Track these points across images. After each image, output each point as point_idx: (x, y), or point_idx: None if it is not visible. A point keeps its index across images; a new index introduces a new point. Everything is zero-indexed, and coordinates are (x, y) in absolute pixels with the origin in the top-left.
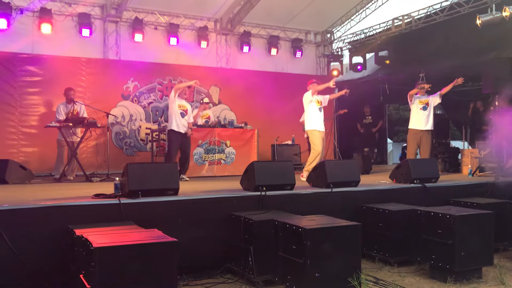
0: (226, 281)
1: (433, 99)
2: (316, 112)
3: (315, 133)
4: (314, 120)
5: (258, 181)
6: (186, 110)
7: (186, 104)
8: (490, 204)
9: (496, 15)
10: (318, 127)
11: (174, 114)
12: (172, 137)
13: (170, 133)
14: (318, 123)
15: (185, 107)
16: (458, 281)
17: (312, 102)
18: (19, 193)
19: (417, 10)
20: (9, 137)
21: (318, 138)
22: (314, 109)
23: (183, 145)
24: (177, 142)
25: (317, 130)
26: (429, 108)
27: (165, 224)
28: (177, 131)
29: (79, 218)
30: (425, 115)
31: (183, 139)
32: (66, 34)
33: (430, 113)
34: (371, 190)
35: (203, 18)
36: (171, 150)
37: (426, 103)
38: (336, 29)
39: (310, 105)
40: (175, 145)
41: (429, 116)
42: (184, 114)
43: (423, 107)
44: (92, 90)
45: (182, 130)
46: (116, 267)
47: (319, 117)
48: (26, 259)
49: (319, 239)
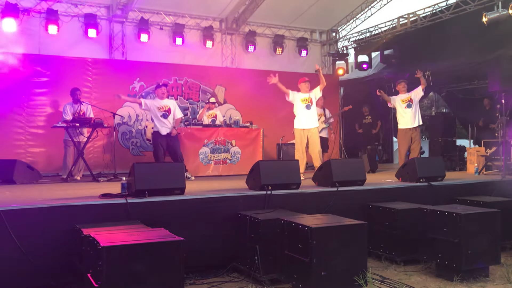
0: (232, 280)
1: (415, 94)
2: (299, 110)
3: (296, 132)
4: (297, 118)
5: (263, 180)
6: (169, 109)
7: (167, 103)
8: (497, 202)
9: (503, 13)
10: (300, 125)
11: (155, 118)
12: (154, 140)
13: (153, 136)
14: (300, 121)
15: (167, 106)
16: (464, 280)
17: (295, 100)
18: (26, 193)
19: (422, 8)
20: (17, 138)
21: (298, 137)
22: (297, 107)
23: (169, 145)
24: (159, 144)
25: (298, 129)
26: (414, 104)
27: (172, 223)
28: (158, 133)
29: (86, 218)
30: (412, 112)
31: (167, 140)
32: (72, 34)
33: (416, 109)
34: (377, 189)
35: (208, 18)
36: (155, 153)
37: (409, 100)
38: (341, 28)
39: (294, 104)
40: (157, 147)
41: (416, 113)
42: (167, 114)
43: (408, 104)
44: (99, 90)
45: (163, 131)
46: (123, 266)
47: (304, 115)
48: (34, 258)
49: (325, 238)
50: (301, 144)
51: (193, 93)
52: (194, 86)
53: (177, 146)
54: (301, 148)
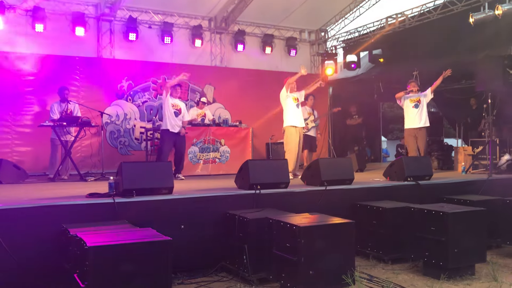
0: (221, 279)
1: (424, 96)
2: (293, 108)
3: (291, 130)
4: (291, 116)
5: (252, 179)
6: (180, 109)
7: (179, 103)
8: (483, 201)
9: (489, 14)
10: (295, 123)
11: (167, 113)
12: (165, 137)
13: (163, 133)
14: (295, 119)
15: (178, 106)
16: (451, 278)
17: (288, 98)
18: (13, 192)
19: (410, 9)
20: (3, 137)
21: (293, 135)
22: (290, 105)
23: (177, 144)
24: (169, 142)
25: (293, 127)
26: (421, 105)
27: (160, 223)
28: (170, 131)
29: (73, 218)
30: (418, 113)
31: (176, 139)
32: (59, 33)
33: (423, 110)
34: (365, 188)
35: (197, 17)
36: (163, 149)
37: (418, 100)
38: (330, 28)
39: (286, 102)
40: (167, 145)
41: (422, 114)
42: (178, 113)
43: (415, 105)
44: (86, 89)
45: (175, 129)
46: (110, 266)
47: (297, 114)
48: (20, 258)
49: (313, 237)
50: (295, 142)
51: (182, 92)
52: (183, 85)
53: (184, 146)
54: (295, 147)
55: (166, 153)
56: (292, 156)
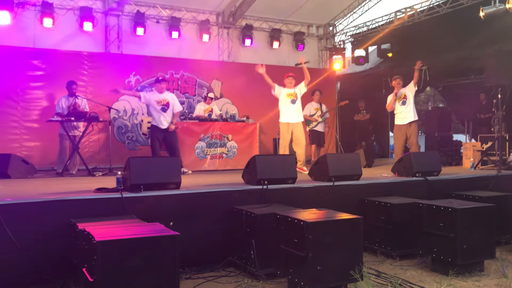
0: (228, 274)
1: (409, 90)
2: (284, 104)
3: (283, 126)
4: (283, 112)
5: (259, 174)
6: (168, 103)
7: (166, 96)
8: (492, 197)
9: (500, 7)
10: (287, 119)
11: (153, 112)
12: (152, 134)
13: (151, 129)
14: (287, 115)
15: (165, 100)
16: (460, 274)
17: (281, 95)
18: (21, 187)
19: (420, 3)
20: (12, 132)
21: (284, 131)
22: (282, 101)
23: (167, 140)
24: (156, 138)
25: (285, 123)
26: (408, 101)
27: (167, 217)
28: (157, 126)
29: (81, 212)
30: (406, 109)
31: (165, 135)
32: (67, 28)
33: (410, 105)
34: (373, 184)
35: (204, 12)
36: (153, 147)
37: (404, 97)
38: (338, 22)
39: (280, 99)
40: (154, 141)
41: (409, 109)
42: (165, 108)
43: (402, 102)
44: (94, 84)
45: (163, 125)
46: (118, 261)
47: (290, 110)
48: (29, 253)
49: (321, 232)
50: (284, 139)
51: (189, 87)
52: (190, 80)
53: (174, 141)
54: (284, 142)
55: (156, 150)
56: (283, 152)
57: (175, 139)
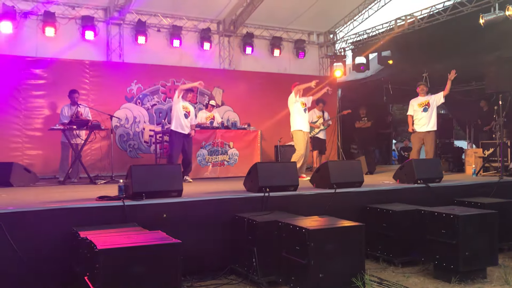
0: (230, 282)
1: (435, 99)
2: (301, 113)
3: (299, 133)
4: (299, 120)
5: (261, 182)
6: (189, 112)
7: (189, 106)
8: (494, 204)
9: (499, 14)
10: (303, 127)
11: (178, 114)
12: (174, 138)
13: (172, 134)
14: (303, 123)
15: (188, 108)
16: (462, 281)
17: (296, 103)
18: (23, 195)
19: (420, 10)
20: (14, 140)
21: (302, 139)
22: (299, 110)
23: (185, 146)
24: (179, 143)
25: (301, 131)
26: (430, 109)
27: (169, 225)
28: (179, 132)
29: (83, 220)
30: (427, 116)
31: (185, 140)
32: (69, 37)
33: (431, 114)
34: (374, 191)
35: (205, 20)
36: (173, 151)
37: (427, 104)
38: (339, 30)
39: (294, 106)
40: (176, 146)
41: (430, 117)
42: (187, 115)
43: (424, 108)
44: (96, 93)
45: (184, 131)
46: (120, 269)
47: (304, 118)
48: (31, 261)
49: (323, 239)
50: (304, 147)
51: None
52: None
53: (191, 148)
54: (304, 151)
55: (176, 155)
56: (303, 160)
57: (192, 146)
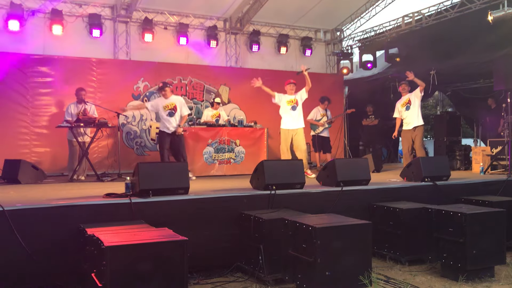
0: (236, 280)
1: (415, 94)
2: (286, 111)
3: (284, 132)
4: (284, 119)
5: (267, 180)
6: (175, 107)
7: (173, 101)
8: (502, 202)
9: (508, 11)
10: (288, 126)
11: (160, 115)
12: (160, 138)
13: (158, 135)
14: (287, 122)
15: (172, 104)
16: (470, 280)
17: (281, 102)
18: (31, 193)
19: (427, 7)
20: (22, 138)
21: (283, 137)
22: (283, 108)
23: (173, 144)
24: (164, 142)
25: (285, 129)
26: (412, 105)
27: (176, 223)
28: (164, 131)
29: (90, 218)
30: (410, 114)
31: (172, 139)
32: (76, 35)
33: (414, 110)
34: (381, 189)
35: (212, 18)
36: (161, 151)
37: (408, 101)
38: (345, 27)
39: (280, 105)
40: (162, 145)
41: (414, 114)
42: (172, 113)
43: (406, 107)
44: (103, 90)
45: (168, 130)
46: (127, 266)
47: (291, 116)
48: (38, 257)
49: (329, 237)
50: (285, 144)
51: (197, 92)
52: (198, 86)
53: (180, 146)
54: (285, 148)
55: (163, 156)
56: (284, 157)
57: (181, 143)
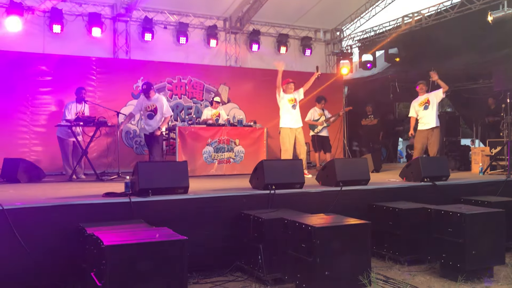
0: (236, 279)
1: (435, 95)
2: (288, 110)
3: (284, 131)
4: (285, 117)
5: (267, 179)
6: (155, 108)
7: (154, 102)
8: (502, 202)
9: (508, 12)
10: (290, 124)
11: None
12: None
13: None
14: (288, 120)
15: (153, 105)
16: (469, 280)
17: (282, 100)
18: (30, 191)
19: (427, 7)
20: (21, 137)
21: (286, 136)
22: (284, 107)
23: (148, 145)
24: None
25: (287, 128)
26: (431, 106)
27: (175, 222)
28: (145, 134)
29: (90, 217)
30: (428, 114)
31: (147, 140)
32: (76, 34)
33: (432, 111)
34: (381, 189)
35: (212, 17)
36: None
37: (427, 101)
38: (345, 27)
39: (281, 103)
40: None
41: (431, 114)
42: (152, 115)
43: (425, 106)
44: (103, 89)
45: (146, 131)
46: (126, 265)
47: (292, 115)
48: (37, 257)
49: (329, 237)
50: (289, 143)
51: (197, 92)
52: (198, 85)
53: (154, 147)
54: (288, 147)
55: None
56: (287, 156)
57: (156, 145)
